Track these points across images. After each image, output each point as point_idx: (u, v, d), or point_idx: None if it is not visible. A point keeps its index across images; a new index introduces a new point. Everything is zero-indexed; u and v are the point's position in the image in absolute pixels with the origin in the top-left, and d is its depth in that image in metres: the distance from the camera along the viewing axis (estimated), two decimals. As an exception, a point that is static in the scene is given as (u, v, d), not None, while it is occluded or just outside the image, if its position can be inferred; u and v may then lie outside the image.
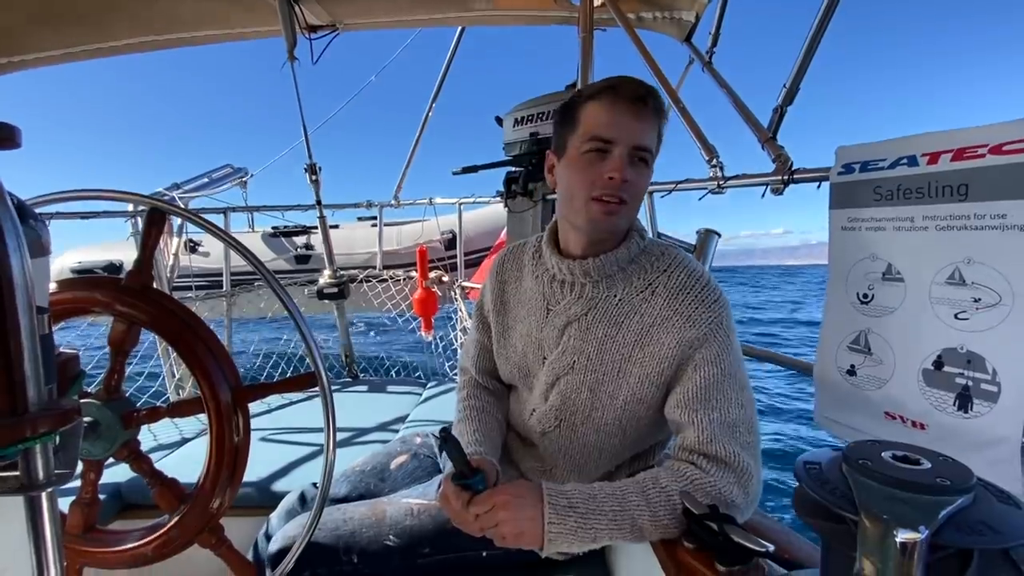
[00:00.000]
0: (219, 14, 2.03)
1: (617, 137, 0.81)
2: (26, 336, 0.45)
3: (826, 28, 1.12)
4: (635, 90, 0.81)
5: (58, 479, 0.48)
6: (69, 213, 2.29)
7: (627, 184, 0.81)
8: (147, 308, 0.82)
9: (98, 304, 0.82)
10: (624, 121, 0.81)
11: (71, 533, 0.87)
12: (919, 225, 0.82)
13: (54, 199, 0.85)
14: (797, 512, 0.45)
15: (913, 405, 0.84)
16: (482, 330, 1.09)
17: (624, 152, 0.81)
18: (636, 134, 0.81)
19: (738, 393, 0.81)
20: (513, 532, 0.72)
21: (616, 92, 0.82)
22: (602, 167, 0.82)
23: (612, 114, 0.82)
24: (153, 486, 0.87)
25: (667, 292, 0.84)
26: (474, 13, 2.24)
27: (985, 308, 0.74)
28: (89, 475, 0.86)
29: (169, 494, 0.86)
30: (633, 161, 0.82)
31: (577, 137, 0.85)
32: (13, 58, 1.95)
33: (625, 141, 0.81)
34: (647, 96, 0.82)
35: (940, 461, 0.43)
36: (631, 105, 0.81)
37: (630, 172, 0.81)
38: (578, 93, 0.88)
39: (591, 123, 0.83)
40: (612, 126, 0.81)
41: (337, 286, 2.73)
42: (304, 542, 0.86)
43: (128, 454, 0.86)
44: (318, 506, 0.85)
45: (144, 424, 0.86)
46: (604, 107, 0.82)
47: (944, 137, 0.79)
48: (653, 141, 0.84)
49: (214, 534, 0.87)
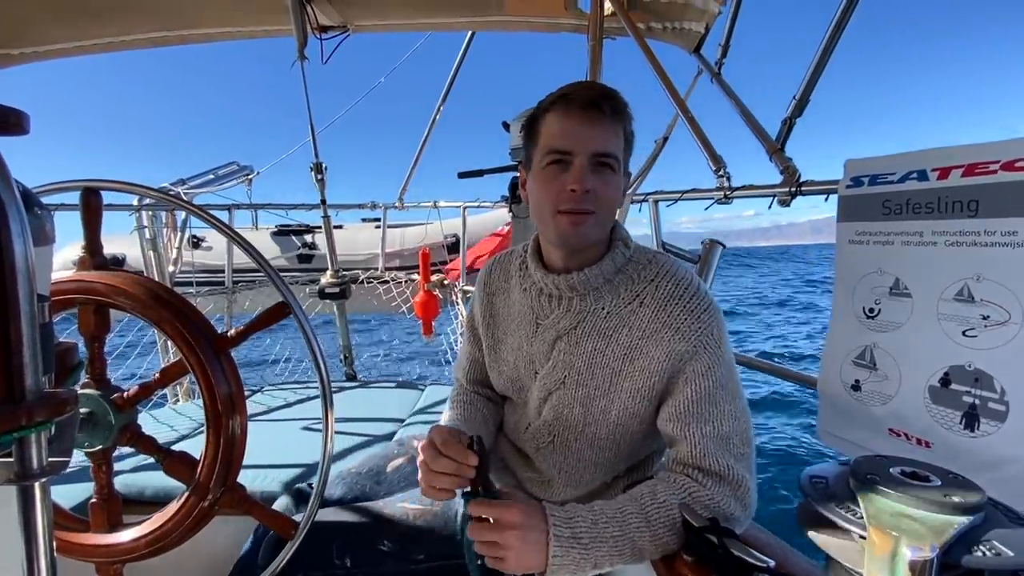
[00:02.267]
0: (231, 12, 2.05)
1: (574, 147, 0.78)
2: (26, 323, 0.45)
3: (838, 40, 1.11)
4: (587, 96, 0.78)
5: (52, 469, 0.47)
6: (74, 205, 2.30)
7: (591, 194, 0.78)
8: (105, 285, 0.81)
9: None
10: (579, 130, 0.78)
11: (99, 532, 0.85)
12: (928, 240, 0.81)
13: (60, 188, 0.85)
14: (802, 526, 0.45)
15: (918, 422, 0.83)
16: (473, 342, 1.08)
17: (584, 161, 0.78)
18: (593, 141, 0.78)
19: (731, 404, 0.80)
20: (516, 560, 0.69)
21: (568, 101, 0.79)
22: (564, 179, 0.79)
23: (566, 124, 0.79)
24: (162, 460, 0.85)
25: (655, 303, 0.82)
26: (485, 18, 2.25)
27: (994, 326, 0.73)
28: (100, 469, 0.85)
29: (181, 464, 0.85)
30: (596, 169, 0.79)
31: (539, 151, 0.82)
32: (26, 50, 1.96)
33: (583, 150, 0.78)
34: (600, 100, 0.78)
35: (950, 479, 0.42)
36: (584, 112, 0.78)
37: (593, 181, 0.78)
38: (538, 105, 0.86)
39: (548, 135, 0.81)
40: (567, 136, 0.78)
41: (339, 286, 2.73)
42: (296, 543, 0.85)
43: (131, 437, 0.85)
44: (312, 507, 0.84)
45: (137, 402, 0.85)
46: (558, 117, 0.80)
47: (955, 152, 0.78)
48: (615, 145, 0.80)
49: (235, 492, 0.85)
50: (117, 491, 0.88)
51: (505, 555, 0.69)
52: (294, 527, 0.86)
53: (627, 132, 0.82)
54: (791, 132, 1.22)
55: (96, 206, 0.84)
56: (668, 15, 1.94)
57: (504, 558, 0.69)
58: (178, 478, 0.85)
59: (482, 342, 1.04)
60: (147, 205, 2.28)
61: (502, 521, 0.69)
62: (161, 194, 0.93)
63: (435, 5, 2.15)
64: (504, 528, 0.69)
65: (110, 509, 0.86)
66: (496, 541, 0.69)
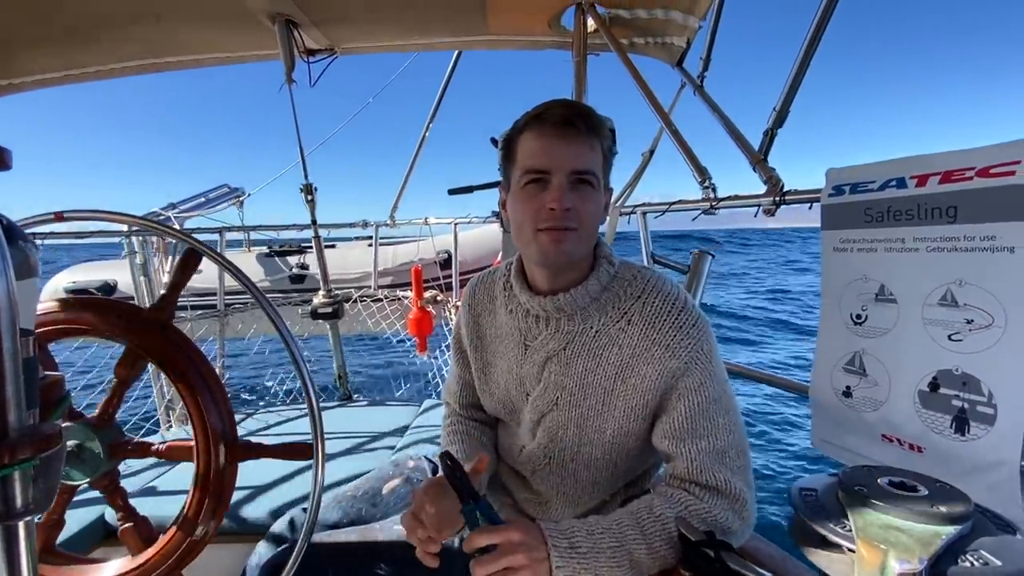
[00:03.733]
0: (219, 38, 2.06)
1: (551, 166, 0.78)
2: (8, 359, 0.44)
3: (815, 51, 1.14)
4: (561, 114, 0.78)
5: (35, 507, 0.46)
6: (62, 233, 2.29)
7: (570, 212, 0.78)
8: (163, 346, 0.81)
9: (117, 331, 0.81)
10: (555, 148, 0.78)
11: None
12: (910, 247, 0.83)
13: (46, 220, 0.84)
14: (793, 540, 0.45)
15: (910, 427, 0.83)
16: (462, 364, 1.06)
17: (562, 180, 0.78)
18: (570, 159, 0.78)
19: (724, 417, 0.80)
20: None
21: (542, 120, 0.79)
22: (543, 198, 0.78)
23: (542, 143, 0.79)
24: (123, 522, 0.84)
25: (643, 321, 0.82)
26: (469, 38, 2.28)
27: (978, 329, 0.74)
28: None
29: (135, 534, 0.84)
30: (574, 186, 0.78)
31: (516, 171, 0.83)
32: (13, 80, 1.96)
33: (560, 168, 0.78)
34: (574, 118, 0.78)
35: (937, 488, 0.42)
36: (559, 130, 0.78)
37: (572, 198, 0.78)
38: (513, 126, 0.86)
39: (524, 155, 0.81)
40: (543, 155, 0.78)
41: (331, 306, 2.72)
42: (292, 570, 0.84)
43: (107, 484, 0.84)
44: (306, 533, 0.83)
45: (131, 457, 0.84)
46: (533, 137, 0.80)
47: (931, 160, 0.80)
48: (592, 161, 0.79)
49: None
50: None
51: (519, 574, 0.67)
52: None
53: (604, 147, 0.82)
54: (773, 143, 1.24)
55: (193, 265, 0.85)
56: (650, 30, 1.97)
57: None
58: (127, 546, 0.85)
59: (471, 364, 1.03)
60: (137, 231, 2.27)
61: (509, 542, 0.67)
62: (149, 222, 0.93)
63: (420, 26, 2.17)
64: (510, 551, 0.67)
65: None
66: (508, 566, 0.66)
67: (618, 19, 1.90)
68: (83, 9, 1.63)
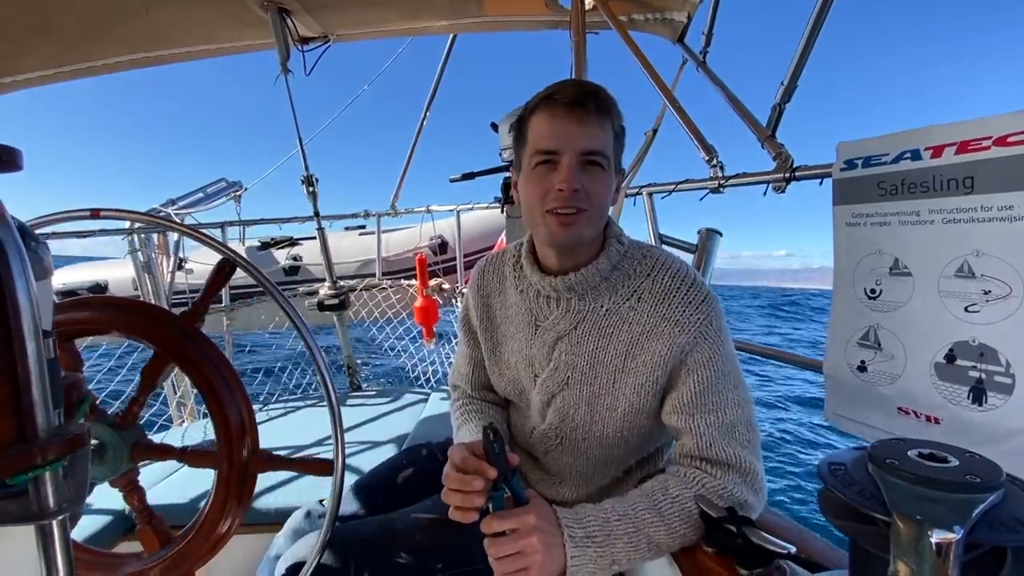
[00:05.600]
0: (211, 29, 2.03)
1: (560, 147, 0.78)
2: (33, 361, 0.44)
3: (823, 23, 1.12)
4: (572, 95, 0.78)
5: (69, 506, 0.47)
6: (65, 233, 2.28)
7: (579, 193, 0.78)
8: (191, 352, 0.82)
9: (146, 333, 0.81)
10: (565, 129, 0.78)
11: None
12: (925, 219, 0.82)
13: (54, 220, 0.84)
14: (824, 514, 0.45)
15: (926, 399, 0.83)
16: (473, 344, 1.06)
17: (571, 161, 0.78)
18: (580, 140, 0.77)
19: (733, 392, 0.80)
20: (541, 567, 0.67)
21: (553, 101, 0.78)
22: (552, 179, 0.79)
23: (552, 124, 0.78)
24: (140, 522, 0.85)
25: (653, 298, 0.82)
26: (465, 20, 2.24)
27: (996, 300, 0.74)
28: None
29: (153, 534, 0.85)
30: (584, 167, 0.78)
31: (527, 152, 0.82)
32: (3, 79, 1.94)
33: (570, 149, 0.77)
34: (585, 98, 0.77)
35: (967, 458, 0.42)
36: (570, 111, 0.77)
37: (582, 179, 0.78)
38: (524, 106, 0.85)
39: (535, 136, 0.80)
40: (554, 136, 0.78)
41: (337, 297, 2.72)
42: (314, 564, 0.85)
43: (125, 484, 0.85)
44: (327, 525, 0.83)
45: (152, 459, 0.85)
46: (544, 118, 0.79)
47: (947, 130, 0.79)
48: (603, 143, 0.79)
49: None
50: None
51: (530, 562, 0.67)
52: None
53: (616, 128, 0.81)
54: (781, 118, 1.22)
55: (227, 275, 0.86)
56: (650, 5, 1.94)
57: (529, 567, 0.68)
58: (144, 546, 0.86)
59: (481, 345, 1.03)
60: (139, 228, 2.26)
61: (523, 527, 0.68)
62: (156, 218, 0.92)
63: (414, 10, 2.14)
64: (525, 535, 0.67)
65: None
66: (520, 550, 0.67)
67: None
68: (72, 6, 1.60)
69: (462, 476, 0.73)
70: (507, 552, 0.68)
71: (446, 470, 0.77)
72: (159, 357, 0.82)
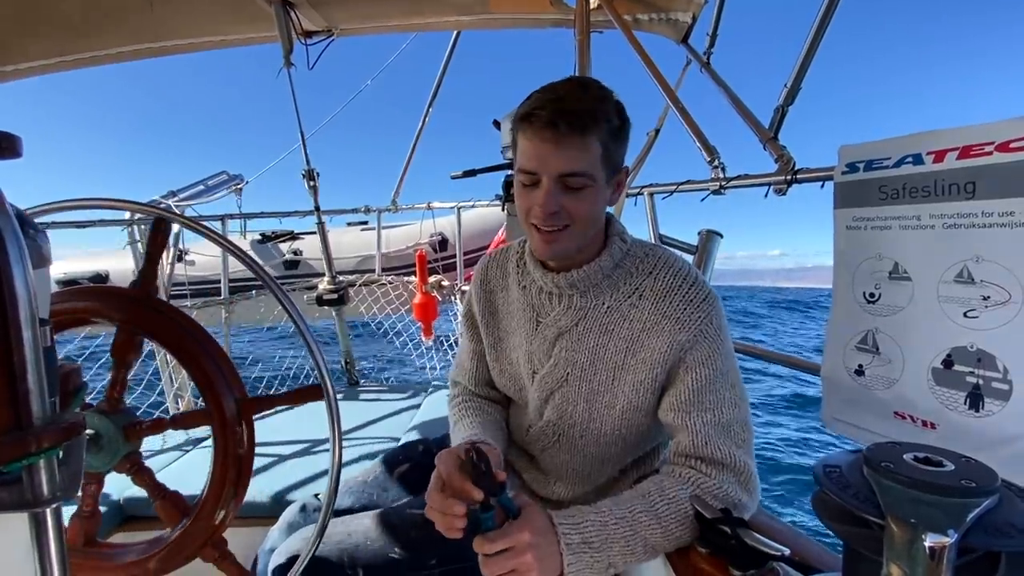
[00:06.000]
0: (215, 21, 2.03)
1: (539, 169, 0.77)
2: (29, 348, 0.44)
3: (827, 26, 1.11)
4: (546, 117, 0.74)
5: (62, 494, 0.47)
6: (64, 223, 2.28)
7: (558, 214, 0.77)
8: (152, 318, 0.81)
9: (102, 314, 0.81)
10: (543, 151, 0.75)
11: (71, 547, 0.85)
12: (926, 223, 0.82)
13: (53, 208, 0.84)
14: (819, 516, 0.45)
15: (923, 404, 0.83)
16: (475, 339, 1.06)
17: (550, 183, 0.76)
18: (557, 162, 0.75)
19: (730, 391, 0.80)
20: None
21: (531, 121, 0.76)
22: (533, 197, 0.78)
23: (530, 145, 0.77)
24: (155, 499, 0.85)
25: (654, 295, 0.82)
26: (469, 17, 2.24)
27: (995, 306, 0.74)
28: (90, 487, 0.85)
29: (171, 507, 0.85)
30: (565, 188, 0.77)
31: (517, 163, 0.81)
32: (6, 67, 1.93)
33: (548, 172, 0.76)
34: (558, 120, 0.73)
35: (963, 462, 0.42)
36: (543, 133, 0.75)
37: (561, 200, 0.77)
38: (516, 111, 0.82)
39: (519, 153, 0.80)
40: (532, 158, 0.77)
41: (336, 292, 2.72)
42: (308, 557, 0.85)
43: (130, 466, 0.85)
44: (323, 519, 0.83)
45: (146, 435, 0.85)
46: (526, 137, 0.77)
47: (949, 135, 0.79)
48: (582, 162, 0.76)
49: (216, 548, 0.86)
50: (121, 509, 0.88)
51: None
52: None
53: (604, 136, 0.77)
54: (784, 120, 1.22)
55: (164, 234, 0.85)
56: (655, 5, 1.94)
57: None
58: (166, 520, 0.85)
59: (483, 340, 1.03)
60: (140, 219, 2.26)
61: (517, 546, 0.67)
62: (156, 209, 0.92)
63: (419, 6, 2.13)
64: (519, 553, 0.66)
65: (88, 526, 0.86)
66: (514, 568, 0.66)
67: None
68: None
69: (443, 499, 0.73)
70: (501, 571, 0.67)
71: (431, 484, 0.77)
72: (122, 330, 0.81)
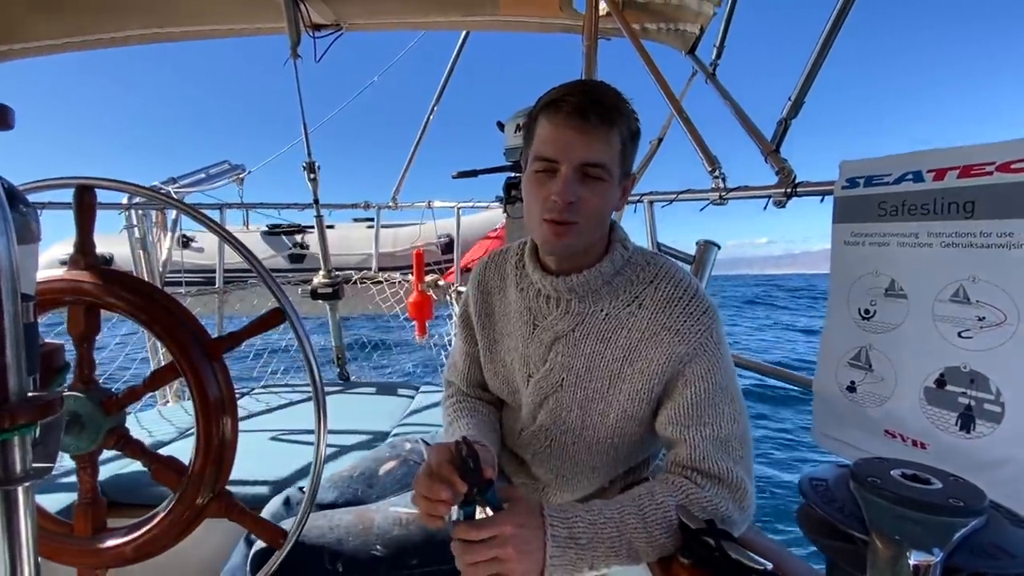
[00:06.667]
0: (224, 9, 2.03)
1: (560, 156, 0.76)
2: (9, 322, 0.43)
3: (833, 42, 1.12)
4: (576, 103, 0.75)
5: (36, 473, 0.46)
6: (61, 203, 2.26)
7: (574, 205, 0.76)
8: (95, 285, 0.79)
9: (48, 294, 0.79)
10: (567, 138, 0.75)
11: (84, 537, 0.83)
12: (924, 241, 0.82)
13: (47, 186, 0.83)
14: (803, 529, 0.44)
15: (914, 423, 0.83)
16: (470, 341, 1.06)
17: (569, 171, 0.76)
18: (581, 151, 0.75)
19: (729, 406, 0.79)
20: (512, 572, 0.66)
21: (557, 107, 0.76)
22: (549, 187, 0.77)
23: (554, 131, 0.76)
24: (150, 466, 0.83)
25: (654, 305, 0.81)
26: (479, 18, 2.24)
27: (990, 327, 0.74)
28: (85, 472, 0.83)
29: (169, 470, 0.83)
30: (583, 179, 0.76)
31: (531, 154, 0.81)
32: (13, 45, 1.93)
33: (570, 159, 0.75)
34: (588, 108, 0.74)
35: (951, 481, 0.42)
36: (571, 121, 0.75)
37: (579, 191, 0.76)
38: (536, 103, 0.82)
39: (538, 140, 0.79)
40: (554, 144, 0.76)
41: (331, 286, 2.71)
42: (287, 548, 0.84)
43: (117, 440, 0.83)
44: (304, 511, 0.82)
45: (126, 405, 0.83)
46: (548, 123, 0.77)
47: (951, 154, 0.78)
48: (604, 154, 0.76)
49: (223, 500, 0.84)
50: (102, 494, 0.86)
51: (503, 570, 0.66)
52: (282, 536, 0.84)
53: (624, 135, 0.79)
54: (787, 133, 1.22)
55: (90, 204, 0.82)
56: (663, 16, 1.95)
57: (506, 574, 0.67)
58: (166, 484, 0.83)
59: (478, 342, 1.03)
60: (137, 204, 2.25)
61: (499, 536, 0.67)
62: (154, 193, 0.91)
63: (429, 4, 2.14)
64: (500, 544, 0.66)
65: (94, 513, 0.84)
66: (495, 556, 0.66)
67: (631, 3, 1.87)
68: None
69: (430, 484, 0.73)
70: (479, 559, 0.66)
71: (420, 469, 0.76)
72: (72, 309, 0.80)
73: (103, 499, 0.86)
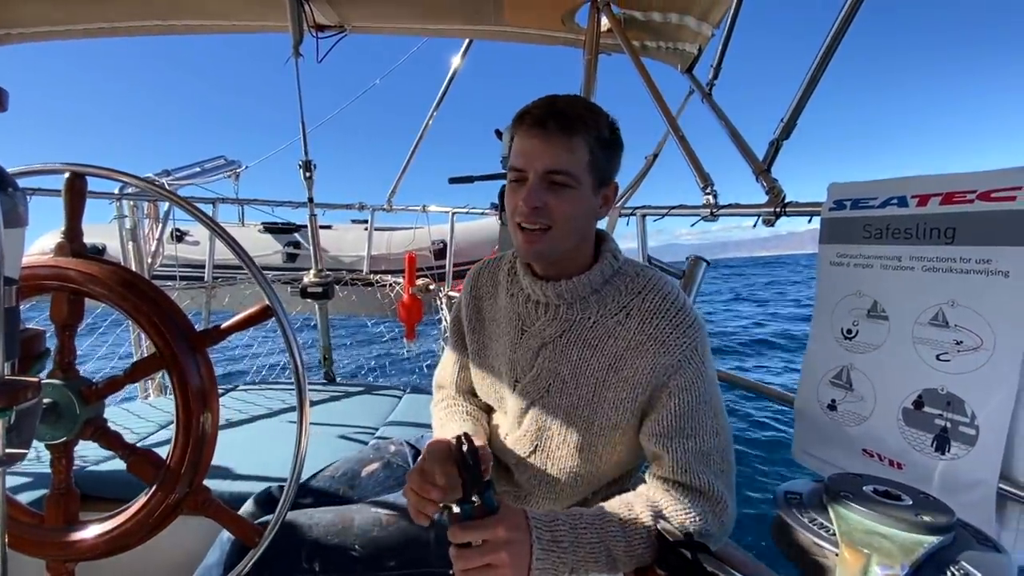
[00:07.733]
0: (228, 5, 2.03)
1: (527, 165, 0.79)
2: (-12, 303, 0.43)
3: (827, 65, 1.14)
4: (537, 115, 0.79)
5: (8, 459, 0.45)
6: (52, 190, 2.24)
7: (541, 211, 0.79)
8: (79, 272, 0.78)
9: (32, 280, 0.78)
10: (531, 147, 0.79)
11: (54, 528, 0.81)
12: (906, 265, 0.83)
13: (39, 171, 0.82)
14: (775, 541, 0.45)
15: (891, 443, 0.84)
16: (460, 346, 1.06)
17: (535, 179, 0.79)
18: (542, 159, 0.78)
19: (712, 420, 0.80)
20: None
21: (522, 119, 0.80)
22: (519, 195, 0.80)
23: (520, 142, 0.81)
24: (126, 458, 0.82)
25: (641, 315, 0.83)
26: (482, 27, 2.26)
27: (967, 351, 0.75)
28: (60, 463, 0.81)
29: (146, 463, 0.81)
30: (550, 186, 0.79)
31: (509, 163, 0.84)
32: (12, 30, 1.92)
33: (535, 168, 0.79)
34: (547, 118, 0.78)
35: (921, 499, 0.42)
36: (532, 130, 0.79)
37: (545, 197, 0.79)
38: None
39: (512, 153, 0.83)
40: (521, 155, 0.80)
41: (322, 286, 2.69)
42: (263, 545, 0.83)
43: (94, 431, 0.82)
44: (281, 509, 0.82)
45: (106, 395, 0.82)
46: (518, 136, 0.81)
47: (934, 181, 0.80)
48: (567, 161, 0.78)
49: (200, 495, 0.83)
50: (76, 486, 0.84)
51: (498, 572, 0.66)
52: (258, 535, 0.83)
53: (592, 143, 0.80)
54: (778, 153, 1.24)
55: (80, 191, 0.82)
56: (663, 35, 1.98)
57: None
58: (142, 477, 0.82)
59: (468, 347, 1.03)
60: (128, 194, 2.23)
61: (493, 540, 0.66)
62: (146, 183, 0.91)
63: (434, 11, 2.16)
64: (494, 549, 0.66)
65: (67, 504, 0.82)
66: (489, 563, 0.66)
67: (632, 20, 1.90)
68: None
69: (422, 482, 0.73)
70: (474, 565, 0.66)
71: (415, 464, 0.77)
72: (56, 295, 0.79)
73: (76, 491, 0.84)
